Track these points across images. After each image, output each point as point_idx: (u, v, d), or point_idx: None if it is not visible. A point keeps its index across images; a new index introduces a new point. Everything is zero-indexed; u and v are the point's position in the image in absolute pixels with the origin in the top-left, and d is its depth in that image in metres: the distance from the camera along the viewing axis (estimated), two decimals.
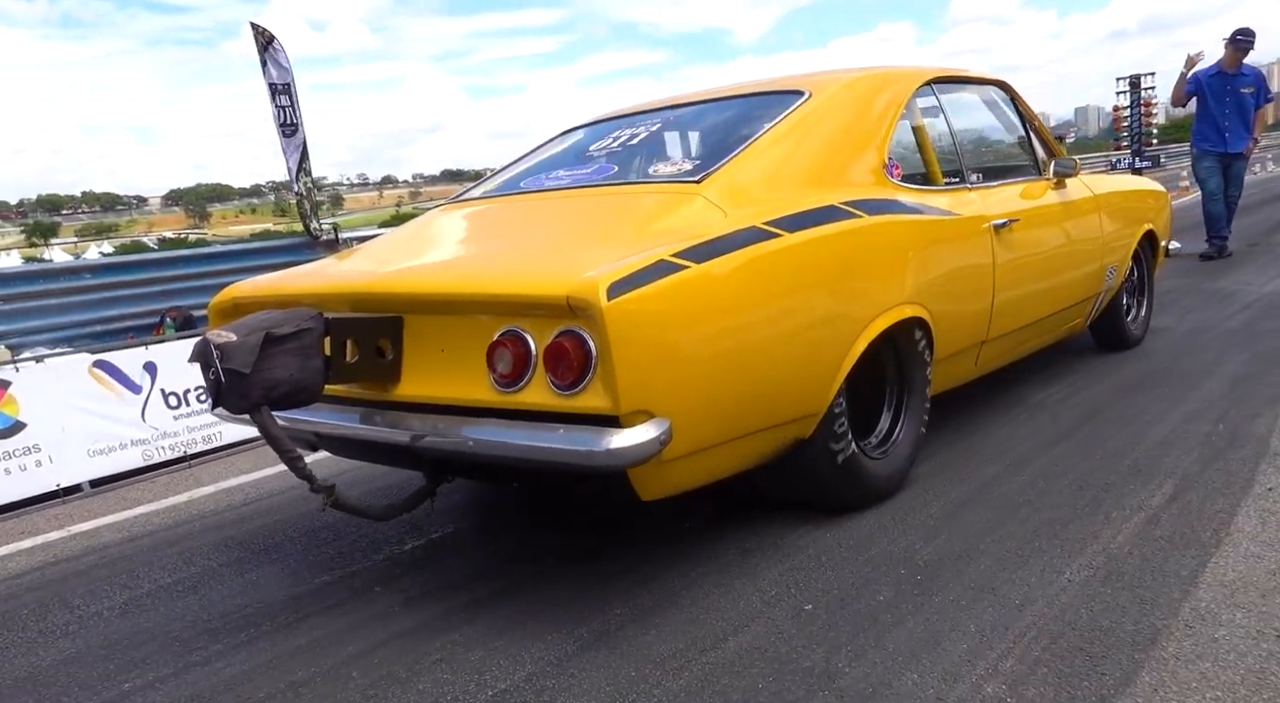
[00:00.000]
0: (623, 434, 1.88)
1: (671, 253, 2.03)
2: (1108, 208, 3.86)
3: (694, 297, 2.01)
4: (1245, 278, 5.85)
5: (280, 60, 8.68)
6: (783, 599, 2.11)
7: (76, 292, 8.36)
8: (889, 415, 2.79)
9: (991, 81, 3.62)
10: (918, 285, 2.69)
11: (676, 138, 3.00)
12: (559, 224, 2.50)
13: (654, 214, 2.33)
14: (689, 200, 2.35)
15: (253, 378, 1.94)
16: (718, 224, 2.23)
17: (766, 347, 2.20)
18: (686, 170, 2.54)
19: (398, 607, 2.29)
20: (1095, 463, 2.78)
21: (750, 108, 2.89)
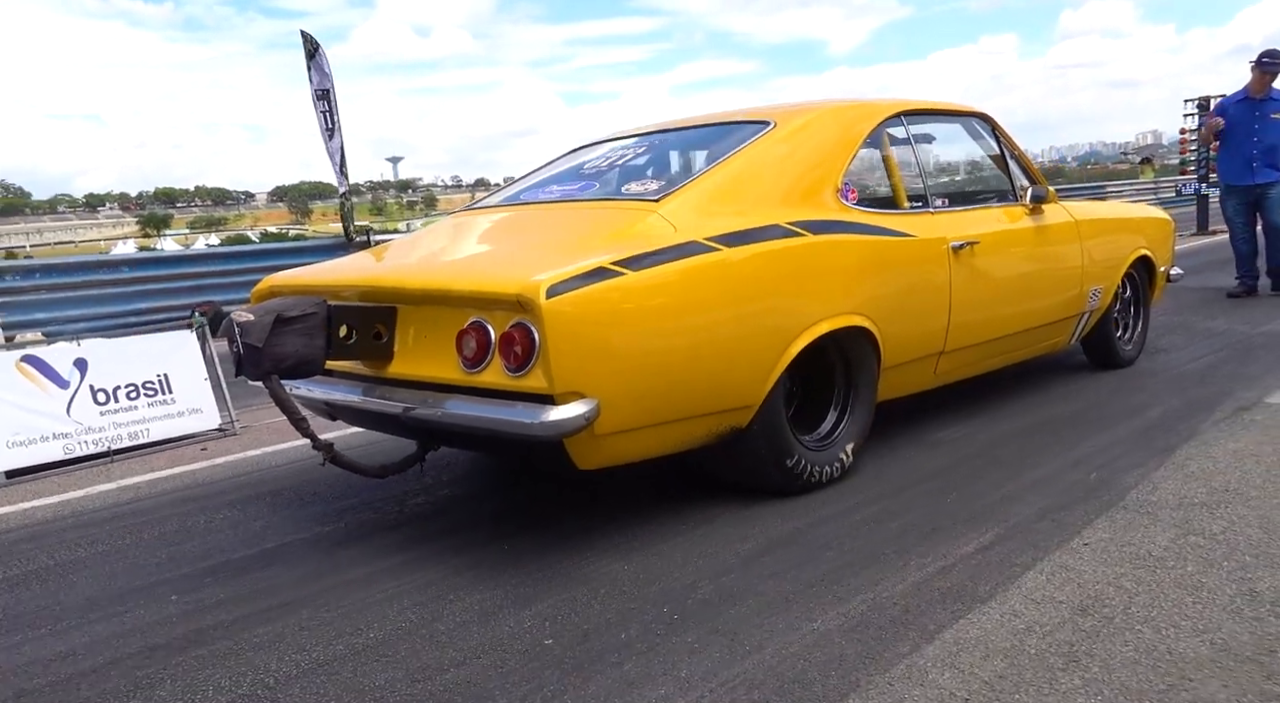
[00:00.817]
0: (556, 410, 2.27)
1: (611, 261, 2.41)
2: (1091, 233, 4.06)
3: (625, 299, 2.38)
4: (1248, 317, 5.67)
5: (324, 67, 9.12)
6: (532, 632, 2.09)
7: (114, 283, 8.84)
8: (834, 414, 3.10)
9: (972, 113, 3.88)
10: (862, 298, 2.99)
11: (657, 159, 3.36)
12: (537, 233, 2.91)
13: (614, 227, 2.72)
14: (646, 216, 2.73)
15: (265, 351, 2.40)
16: (665, 238, 2.60)
17: (696, 345, 2.55)
18: (652, 190, 2.92)
19: None
20: (938, 508, 2.72)
21: (721, 135, 3.25)
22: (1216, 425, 3.32)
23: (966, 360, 3.60)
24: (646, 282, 2.44)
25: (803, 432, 3.03)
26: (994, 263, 3.54)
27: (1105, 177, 63.20)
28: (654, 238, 2.59)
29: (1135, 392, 3.98)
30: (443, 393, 2.54)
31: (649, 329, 2.45)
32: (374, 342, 2.65)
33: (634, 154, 3.36)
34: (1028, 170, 3.96)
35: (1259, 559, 2.18)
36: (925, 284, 3.27)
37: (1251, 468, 2.82)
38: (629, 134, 3.63)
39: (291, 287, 2.97)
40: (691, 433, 2.67)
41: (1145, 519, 2.48)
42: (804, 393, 3.09)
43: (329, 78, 9.19)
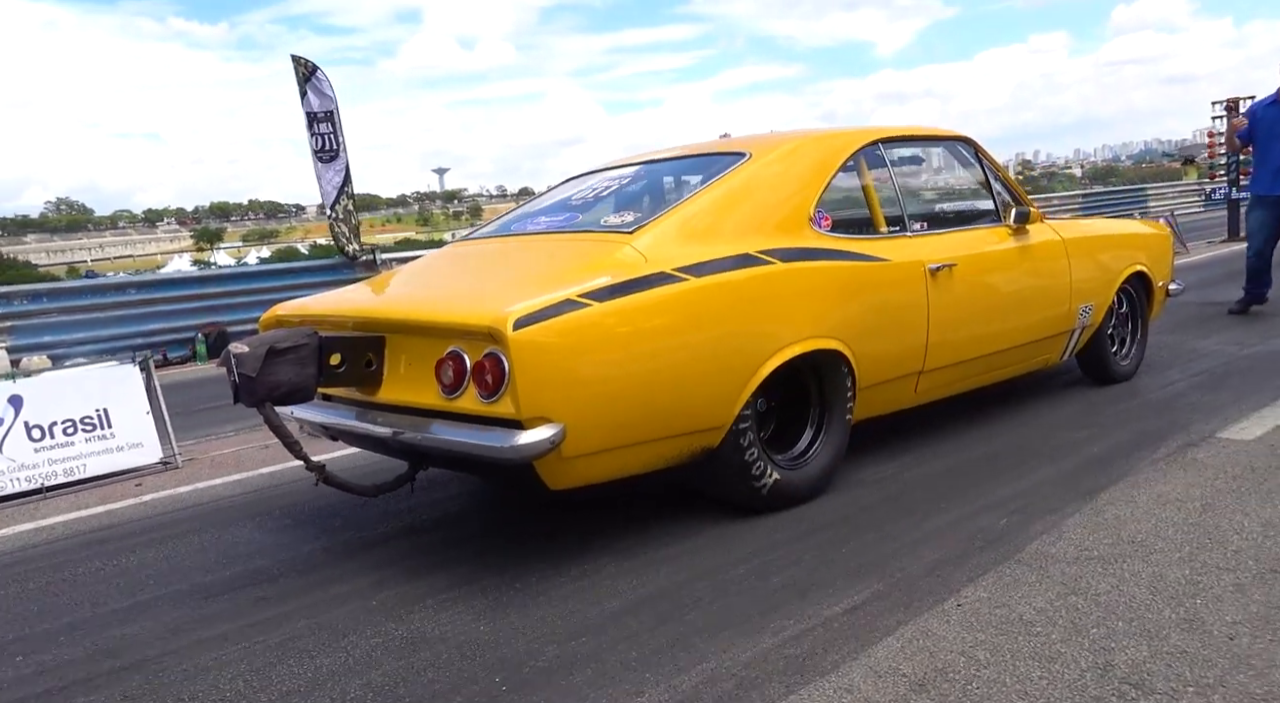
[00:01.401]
0: (524, 434, 2.44)
1: (579, 293, 2.57)
2: (1078, 251, 4.12)
3: (591, 329, 2.54)
4: (1241, 336, 5.46)
5: (324, 89, 9.17)
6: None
7: (121, 306, 9.07)
8: (810, 433, 3.22)
9: (954, 137, 3.98)
10: (833, 321, 3.11)
11: (637, 191, 3.51)
12: (517, 265, 3.08)
13: (587, 259, 2.87)
14: (619, 248, 2.88)
15: (259, 380, 2.61)
16: (634, 269, 2.75)
17: (662, 371, 2.70)
18: (628, 221, 3.07)
19: None
20: (828, 559, 2.61)
21: (700, 167, 3.40)
22: (1155, 465, 3.18)
23: (949, 379, 3.69)
24: (612, 312, 2.59)
25: (779, 450, 3.16)
26: (973, 283, 3.62)
27: (1156, 176, 61.67)
28: (624, 269, 2.74)
29: (1087, 424, 3.82)
30: (426, 418, 2.72)
31: (614, 357, 2.60)
32: (365, 369, 2.84)
33: (617, 185, 3.52)
34: (1012, 191, 4.03)
35: (1130, 626, 2.06)
36: (900, 306, 3.37)
37: (1169, 516, 2.70)
38: (617, 165, 3.79)
39: (296, 316, 3.18)
40: (662, 453, 2.81)
41: (1034, 576, 2.37)
42: (782, 413, 3.22)
43: (332, 99, 9.23)
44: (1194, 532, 2.57)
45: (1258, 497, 2.80)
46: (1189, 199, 20.68)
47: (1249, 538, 2.49)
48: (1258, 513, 2.66)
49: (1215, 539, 2.51)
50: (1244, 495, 2.82)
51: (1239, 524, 2.59)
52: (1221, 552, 2.42)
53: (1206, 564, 2.34)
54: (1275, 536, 2.49)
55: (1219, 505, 2.75)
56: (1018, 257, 3.85)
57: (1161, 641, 2.00)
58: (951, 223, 3.85)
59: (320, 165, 9.49)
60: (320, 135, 9.36)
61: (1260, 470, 3.03)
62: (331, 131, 9.34)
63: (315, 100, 9.30)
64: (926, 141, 3.95)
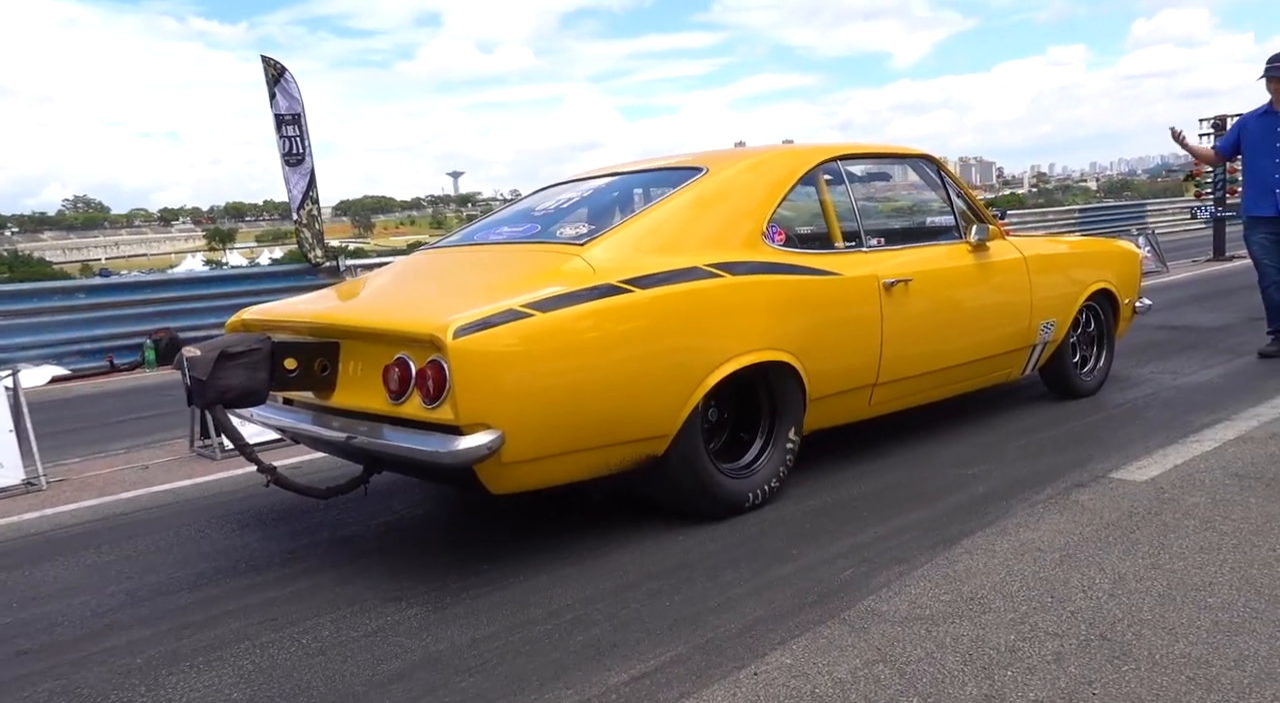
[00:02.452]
0: (462, 439, 2.51)
1: (522, 303, 2.64)
2: (1040, 268, 4.18)
3: (530, 338, 2.61)
4: (1184, 364, 5.23)
5: (292, 92, 8.95)
6: None
7: (71, 310, 8.80)
8: (760, 442, 3.29)
9: (915, 155, 4.04)
10: (782, 334, 3.18)
11: (596, 203, 3.59)
12: (471, 274, 3.16)
13: (539, 270, 2.95)
14: (569, 259, 2.95)
15: (209, 383, 2.69)
16: (581, 280, 2.82)
17: (605, 380, 2.77)
18: (581, 233, 3.14)
19: None
20: (647, 613, 2.44)
21: (657, 180, 3.48)
22: (1033, 508, 3.01)
23: (904, 392, 3.75)
24: (553, 322, 2.66)
25: (729, 459, 3.22)
26: (929, 299, 3.68)
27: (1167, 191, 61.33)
28: (572, 280, 2.81)
29: (984, 459, 3.62)
30: (376, 422, 2.79)
31: (554, 366, 2.67)
32: (319, 374, 2.92)
33: (578, 197, 3.60)
34: (974, 208, 4.09)
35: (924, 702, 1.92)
36: (852, 320, 3.43)
37: (1022, 569, 2.54)
38: (582, 177, 3.87)
39: (259, 321, 3.26)
40: (606, 460, 2.88)
41: (851, 638, 2.21)
42: (734, 422, 3.28)
43: (299, 101, 9.02)
44: (1039, 588, 2.40)
45: (1122, 547, 2.63)
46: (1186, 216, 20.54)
47: (1093, 597, 2.32)
48: (1114, 567, 2.50)
49: (1058, 597, 2.34)
50: (1109, 546, 2.65)
51: (1090, 580, 2.43)
52: (1058, 613, 2.25)
53: (1036, 628, 2.18)
54: (1121, 595, 2.32)
55: (1078, 557, 2.59)
56: (976, 273, 3.91)
57: None
58: (910, 239, 3.91)
59: (287, 169, 9.24)
60: (287, 138, 9.10)
61: (1137, 516, 2.87)
62: (298, 135, 9.10)
63: (283, 102, 9.06)
64: (887, 159, 4.02)
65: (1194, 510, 2.88)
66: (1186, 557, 2.53)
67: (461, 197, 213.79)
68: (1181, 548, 2.60)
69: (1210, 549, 2.57)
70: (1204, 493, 3.03)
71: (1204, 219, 12.61)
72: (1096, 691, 1.89)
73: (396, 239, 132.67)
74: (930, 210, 4.17)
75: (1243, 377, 4.80)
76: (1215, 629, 2.10)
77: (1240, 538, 2.64)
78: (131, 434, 5.51)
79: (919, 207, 4.29)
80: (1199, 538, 2.66)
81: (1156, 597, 2.30)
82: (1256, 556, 2.51)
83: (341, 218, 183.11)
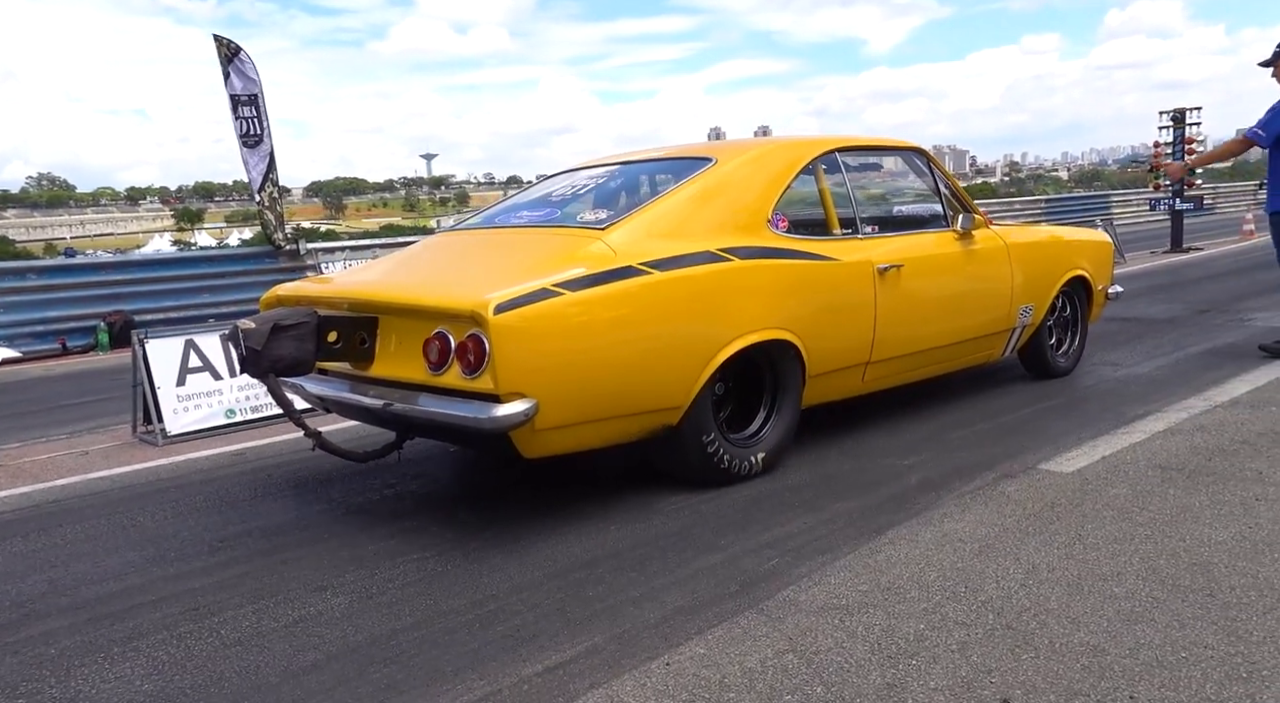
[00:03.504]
0: (501, 407, 2.74)
1: (553, 282, 2.87)
2: (1021, 256, 4.46)
3: (562, 315, 2.84)
4: (1126, 356, 5.37)
5: (247, 72, 8.75)
6: None
7: (22, 291, 8.58)
8: (763, 415, 3.55)
9: (907, 147, 4.31)
10: (785, 315, 3.43)
11: (610, 190, 3.82)
12: (499, 255, 3.38)
13: (563, 252, 3.18)
14: (591, 243, 3.18)
15: (264, 353, 2.90)
16: (605, 262, 3.05)
17: (627, 355, 3.01)
18: (601, 218, 3.37)
19: None
20: (569, 602, 2.46)
21: (668, 169, 3.71)
22: (960, 498, 3.08)
23: (894, 370, 4.02)
24: (583, 300, 2.90)
25: (734, 430, 3.48)
26: (919, 283, 3.95)
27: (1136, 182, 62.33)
28: (595, 262, 3.05)
29: (921, 449, 3.70)
30: (414, 391, 3.01)
31: (584, 341, 2.91)
32: (359, 347, 3.14)
33: (594, 184, 3.83)
34: (960, 199, 4.36)
35: (827, 693, 1.94)
36: (849, 302, 3.70)
37: (941, 559, 2.59)
38: (595, 164, 4.09)
39: (293, 297, 3.46)
40: (626, 429, 3.13)
41: (766, 627, 2.24)
42: (739, 396, 3.54)
43: (256, 82, 8.83)
44: (955, 578, 2.46)
45: (1039, 538, 2.70)
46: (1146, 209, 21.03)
47: (1004, 587, 2.38)
48: (1029, 558, 2.56)
49: (971, 587, 2.39)
50: (1027, 536, 2.72)
51: (1004, 570, 2.49)
52: (969, 603, 2.30)
53: (946, 618, 2.23)
54: (1033, 585, 2.39)
55: (997, 547, 2.65)
56: (962, 259, 4.19)
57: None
58: (902, 227, 4.18)
59: (245, 151, 9.00)
60: (244, 119, 8.85)
61: (1059, 507, 2.94)
62: (256, 116, 8.89)
63: (239, 83, 8.81)
64: (882, 151, 4.27)
65: (1114, 502, 2.97)
66: (1100, 547, 2.60)
67: (435, 179, 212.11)
68: (1096, 539, 2.67)
69: (1124, 539, 2.65)
70: (1126, 484, 3.12)
71: (1163, 211, 12.98)
72: (995, 679, 1.95)
73: (369, 221, 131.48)
74: (920, 200, 4.44)
75: (1181, 369, 4.93)
76: (1117, 618, 2.17)
77: (1154, 529, 2.72)
78: (77, 419, 5.47)
79: (910, 196, 4.56)
80: (1114, 528, 2.74)
81: (1065, 587, 2.36)
82: (1166, 546, 2.59)
83: (313, 199, 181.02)
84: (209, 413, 4.82)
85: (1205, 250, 12.33)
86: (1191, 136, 12.10)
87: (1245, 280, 8.77)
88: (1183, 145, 12.13)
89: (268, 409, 4.89)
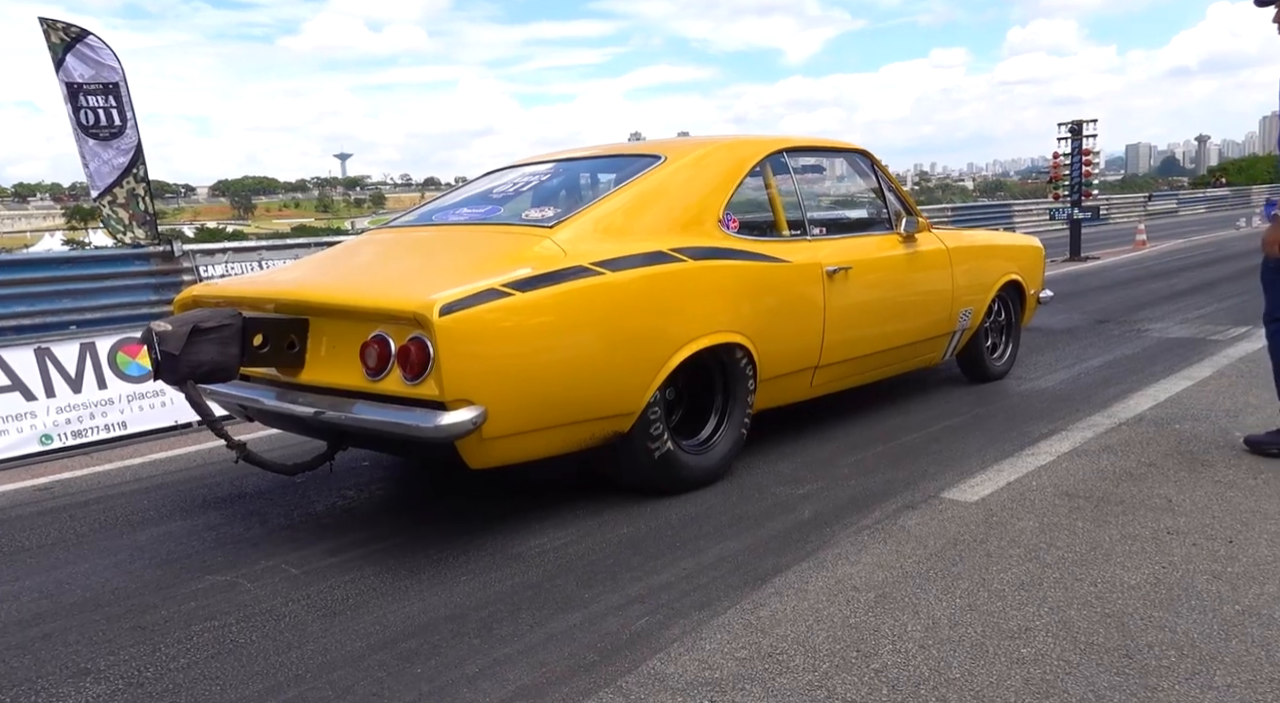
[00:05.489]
0: (446, 415, 2.56)
1: (501, 283, 2.71)
2: (961, 259, 4.48)
3: (512, 317, 2.68)
4: (1032, 368, 5.22)
5: (101, 58, 8.15)
6: None
7: None
8: (714, 420, 3.44)
9: (852, 149, 4.28)
10: (738, 316, 3.34)
11: (556, 187, 3.67)
12: (440, 254, 3.19)
13: (510, 251, 3.01)
14: (539, 241, 3.03)
15: (180, 359, 2.65)
16: (554, 261, 2.90)
17: (578, 359, 2.86)
18: (548, 216, 3.22)
19: None
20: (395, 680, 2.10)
21: (616, 166, 3.58)
22: (857, 535, 2.80)
23: (841, 374, 3.97)
24: (533, 302, 2.74)
25: (685, 436, 3.36)
26: (866, 286, 3.91)
27: (1037, 193, 65.10)
28: (544, 262, 2.89)
29: (815, 476, 3.42)
30: (349, 398, 2.80)
31: (534, 345, 2.75)
32: (287, 351, 2.91)
33: (538, 181, 3.67)
34: (904, 201, 4.35)
35: None
36: (800, 305, 3.62)
37: (832, 613, 2.30)
38: (537, 160, 3.93)
39: (213, 297, 3.20)
40: (576, 437, 2.97)
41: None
42: (689, 401, 3.42)
43: (116, 69, 8.16)
44: (847, 638, 2.17)
45: (941, 584, 2.44)
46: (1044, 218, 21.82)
47: (903, 650, 2.11)
48: (930, 610, 2.30)
49: (865, 651, 2.11)
50: (928, 581, 2.46)
51: (902, 627, 2.21)
52: (861, 673, 2.02)
53: (834, 694, 1.94)
54: (932, 646, 2.12)
55: (895, 596, 2.38)
56: (907, 263, 4.17)
57: None
58: (848, 229, 4.14)
59: (94, 144, 8.23)
60: (91, 109, 8.13)
61: (962, 544, 2.70)
62: (115, 106, 8.16)
63: (84, 70, 8.13)
64: (828, 152, 4.23)
65: (1020, 537, 2.74)
66: (1006, 596, 2.35)
67: (350, 180, 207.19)
68: (1002, 585, 2.42)
69: (1032, 585, 2.41)
70: (1033, 516, 2.91)
71: (1062, 220, 13.47)
72: None
73: (280, 222, 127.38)
74: (865, 202, 4.42)
75: (1083, 383, 4.79)
76: (1025, 690, 1.92)
77: (1063, 571, 2.49)
78: None
79: (855, 198, 4.53)
80: (1021, 571, 2.50)
81: (969, 648, 2.10)
82: (1077, 593, 2.36)
83: (219, 199, 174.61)
84: (17, 439, 4.37)
85: (1101, 259, 12.65)
86: (1089, 148, 12.64)
87: (1140, 290, 8.99)
88: (1080, 156, 12.64)
89: (94, 433, 4.49)
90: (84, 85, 8.30)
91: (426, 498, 3.37)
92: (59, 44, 8.25)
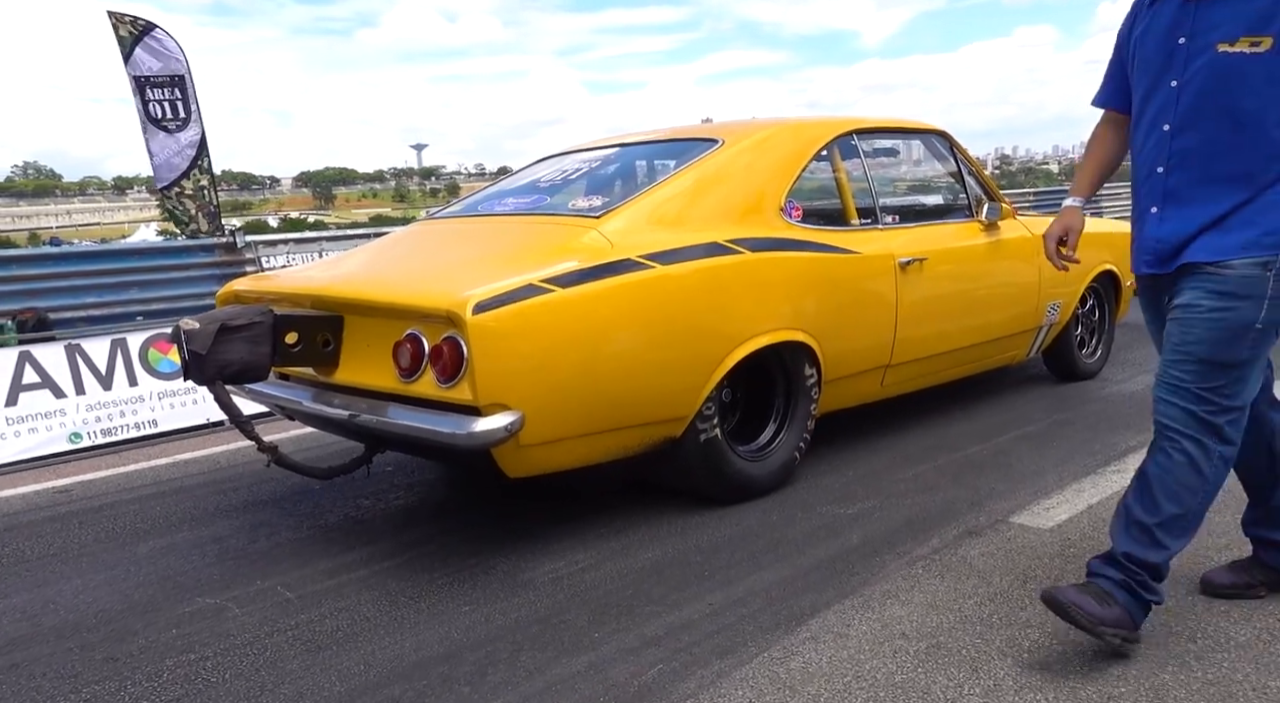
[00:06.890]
0: (481, 421, 2.39)
1: (541, 278, 2.52)
2: None
3: (552, 315, 2.49)
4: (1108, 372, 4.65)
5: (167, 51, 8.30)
6: None
7: None
8: (773, 425, 3.19)
9: (929, 130, 3.95)
10: (800, 314, 3.08)
11: (606, 175, 3.45)
12: (480, 246, 3.01)
13: (554, 243, 2.82)
14: (585, 233, 2.82)
15: (208, 358, 2.54)
16: (599, 254, 2.70)
17: (626, 359, 2.66)
18: (595, 206, 3.01)
19: None
20: None
21: (668, 152, 3.35)
22: (911, 566, 2.46)
23: (915, 374, 3.68)
24: (575, 298, 2.54)
25: (743, 442, 3.13)
26: (943, 279, 3.61)
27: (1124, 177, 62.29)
28: (589, 255, 2.69)
29: (866, 494, 3.06)
30: (383, 400, 2.65)
31: (576, 345, 2.55)
32: (321, 349, 2.78)
33: (586, 168, 3.46)
34: (985, 186, 4.02)
35: None
36: (869, 300, 3.35)
37: (874, 668, 1.97)
38: (588, 147, 3.73)
39: (253, 293, 3.10)
40: (624, 443, 2.77)
41: None
42: (746, 404, 3.19)
43: (181, 62, 8.29)
44: (890, 702, 1.85)
45: (1007, 634, 2.06)
46: None
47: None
48: (992, 667, 1.92)
49: None
50: (991, 630, 2.09)
51: (959, 687, 1.86)
52: None
53: None
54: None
55: (951, 647, 2.03)
56: (988, 253, 3.84)
57: None
58: (924, 216, 3.83)
59: (164, 136, 8.39)
60: (158, 102, 8.29)
61: (1034, 582, 2.30)
62: (181, 98, 8.31)
63: (152, 63, 8.25)
64: (901, 133, 3.92)
65: None
66: (1085, 651, 1.92)
67: (425, 169, 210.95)
68: (1080, 636, 1.93)
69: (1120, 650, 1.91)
70: None
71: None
72: None
73: (358, 212, 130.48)
74: (942, 187, 4.09)
75: None
76: None
77: (1155, 620, 2.01)
78: None
79: (931, 183, 4.21)
80: None
81: None
82: (1173, 651, 1.94)
83: (302, 190, 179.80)
84: (46, 438, 4.31)
85: None
86: None
87: None
88: None
89: (124, 431, 4.41)
90: (151, 78, 8.38)
91: (447, 509, 3.16)
92: (128, 37, 8.37)
